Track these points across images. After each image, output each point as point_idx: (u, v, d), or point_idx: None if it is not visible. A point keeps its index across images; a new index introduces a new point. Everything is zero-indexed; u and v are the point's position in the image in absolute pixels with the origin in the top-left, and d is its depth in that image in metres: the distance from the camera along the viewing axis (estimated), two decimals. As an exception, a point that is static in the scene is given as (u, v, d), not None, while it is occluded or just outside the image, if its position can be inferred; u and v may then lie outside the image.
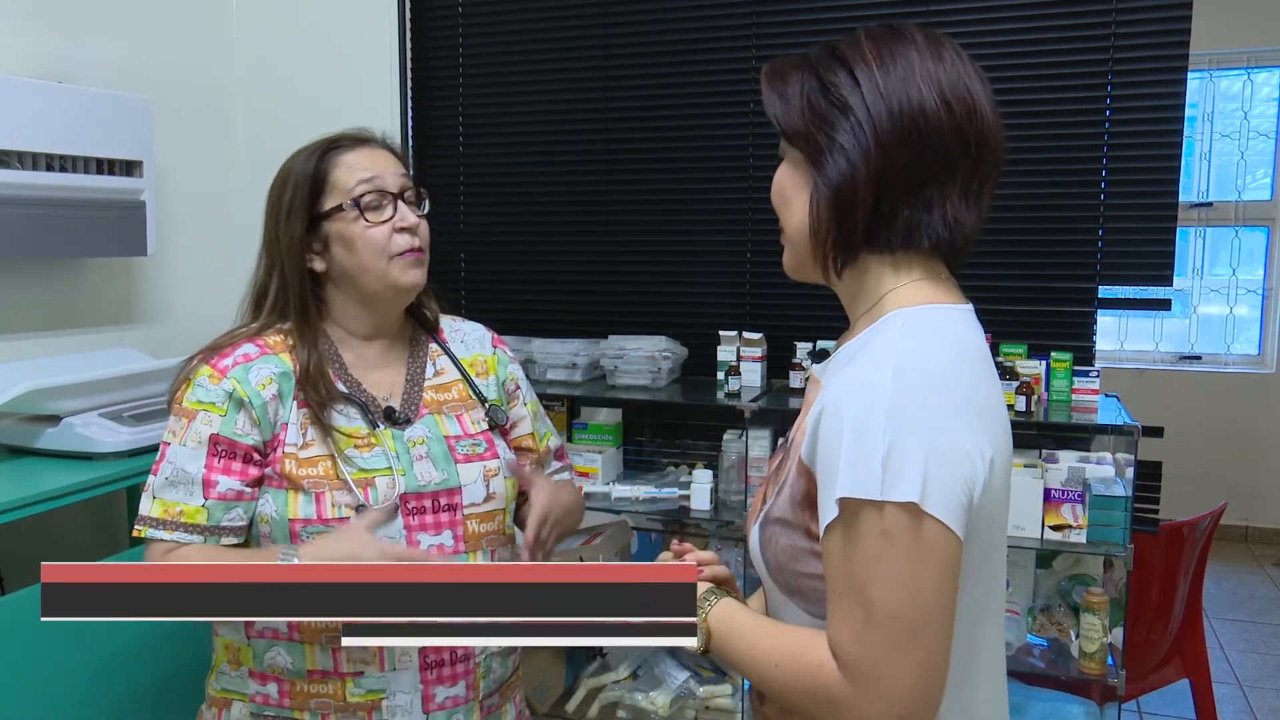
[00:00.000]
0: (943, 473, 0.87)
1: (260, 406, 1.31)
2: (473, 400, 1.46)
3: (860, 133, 0.94)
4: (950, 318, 0.97)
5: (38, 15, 2.23)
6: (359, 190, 1.34)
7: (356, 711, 1.32)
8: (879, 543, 0.87)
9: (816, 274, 1.02)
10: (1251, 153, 5.04)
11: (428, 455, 1.37)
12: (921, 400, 0.88)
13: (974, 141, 0.95)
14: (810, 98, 0.97)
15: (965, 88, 0.96)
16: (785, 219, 1.03)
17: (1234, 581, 4.57)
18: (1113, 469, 2.22)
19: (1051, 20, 2.39)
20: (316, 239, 1.36)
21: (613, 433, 2.70)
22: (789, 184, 1.01)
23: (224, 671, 1.37)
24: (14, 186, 2.00)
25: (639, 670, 2.55)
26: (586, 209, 2.82)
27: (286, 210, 1.36)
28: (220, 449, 1.29)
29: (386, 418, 1.37)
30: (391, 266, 1.35)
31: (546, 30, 2.81)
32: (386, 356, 1.43)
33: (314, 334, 1.37)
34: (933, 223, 0.96)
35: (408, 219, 1.36)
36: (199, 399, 1.31)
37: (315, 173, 1.36)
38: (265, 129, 2.84)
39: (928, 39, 0.98)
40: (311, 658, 1.31)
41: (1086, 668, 2.18)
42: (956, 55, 0.97)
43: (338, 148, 1.38)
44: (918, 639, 0.87)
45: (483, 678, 1.40)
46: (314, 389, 1.33)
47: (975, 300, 1.03)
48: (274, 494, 1.31)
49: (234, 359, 1.33)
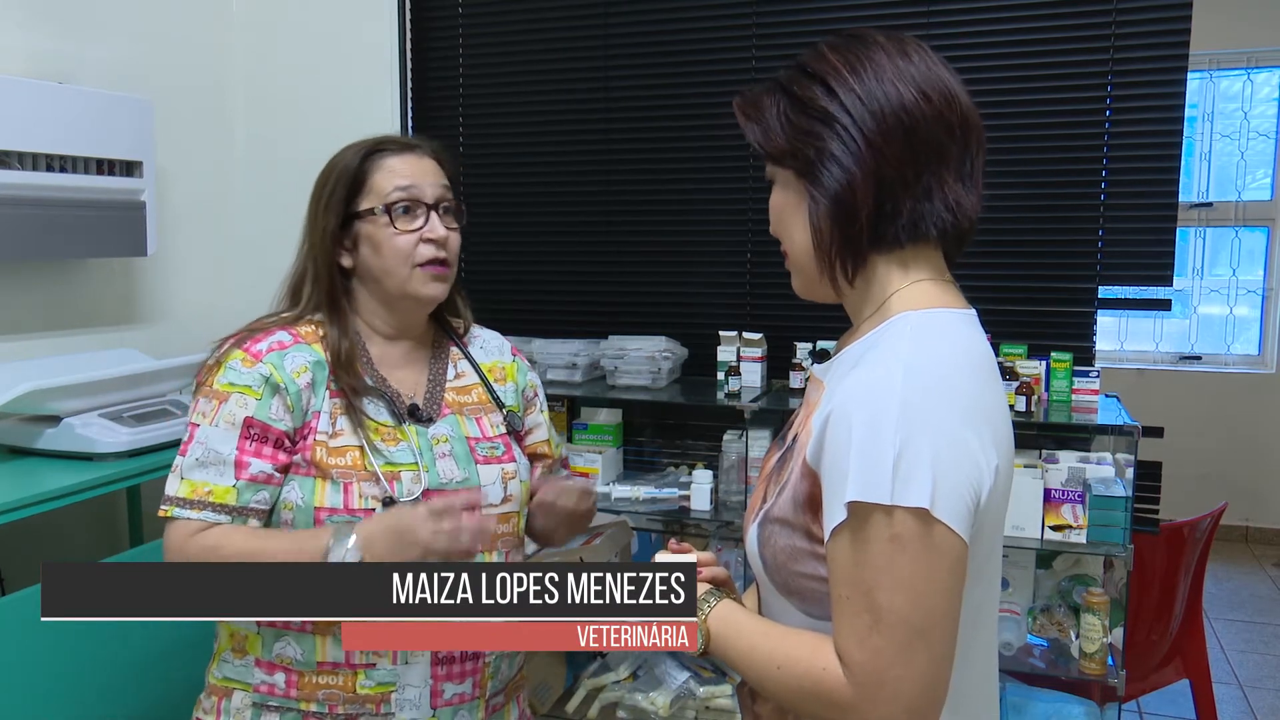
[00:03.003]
0: (951, 478, 0.87)
1: (295, 394, 1.32)
2: (491, 404, 1.48)
3: (849, 137, 0.95)
4: (956, 322, 0.97)
5: (38, 15, 2.22)
6: (394, 196, 1.36)
7: (365, 703, 1.32)
8: (888, 547, 0.87)
9: (827, 290, 1.03)
10: (1251, 153, 5.04)
11: (450, 454, 1.39)
12: (932, 405, 0.89)
13: (957, 125, 0.97)
14: (789, 116, 0.98)
15: (937, 77, 0.97)
16: (788, 241, 1.03)
17: (1234, 582, 4.57)
18: (1113, 469, 2.22)
19: (1051, 20, 2.39)
20: (348, 236, 1.38)
21: (613, 433, 2.70)
22: (785, 206, 1.02)
23: (226, 660, 1.37)
24: (14, 187, 2.00)
25: (639, 670, 2.55)
26: (586, 209, 2.82)
27: (325, 203, 1.38)
28: (253, 432, 1.30)
29: (411, 414, 1.39)
30: (413, 276, 1.37)
31: (546, 30, 2.81)
32: (410, 357, 1.45)
33: (343, 324, 1.39)
34: (936, 210, 0.96)
35: (436, 231, 1.38)
36: (232, 381, 1.31)
37: (357, 171, 1.38)
38: (265, 129, 2.84)
39: (890, 39, 0.99)
40: (323, 649, 1.32)
41: (1087, 668, 2.18)
42: (921, 50, 0.99)
43: (383, 150, 1.40)
44: (924, 643, 0.87)
45: (490, 677, 1.41)
46: (346, 373, 1.35)
47: (975, 300, 1.03)
48: (300, 481, 1.31)
49: (268, 345, 1.34)
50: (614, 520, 2.66)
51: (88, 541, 2.37)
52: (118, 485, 1.91)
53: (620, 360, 2.59)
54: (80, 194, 2.15)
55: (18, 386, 1.82)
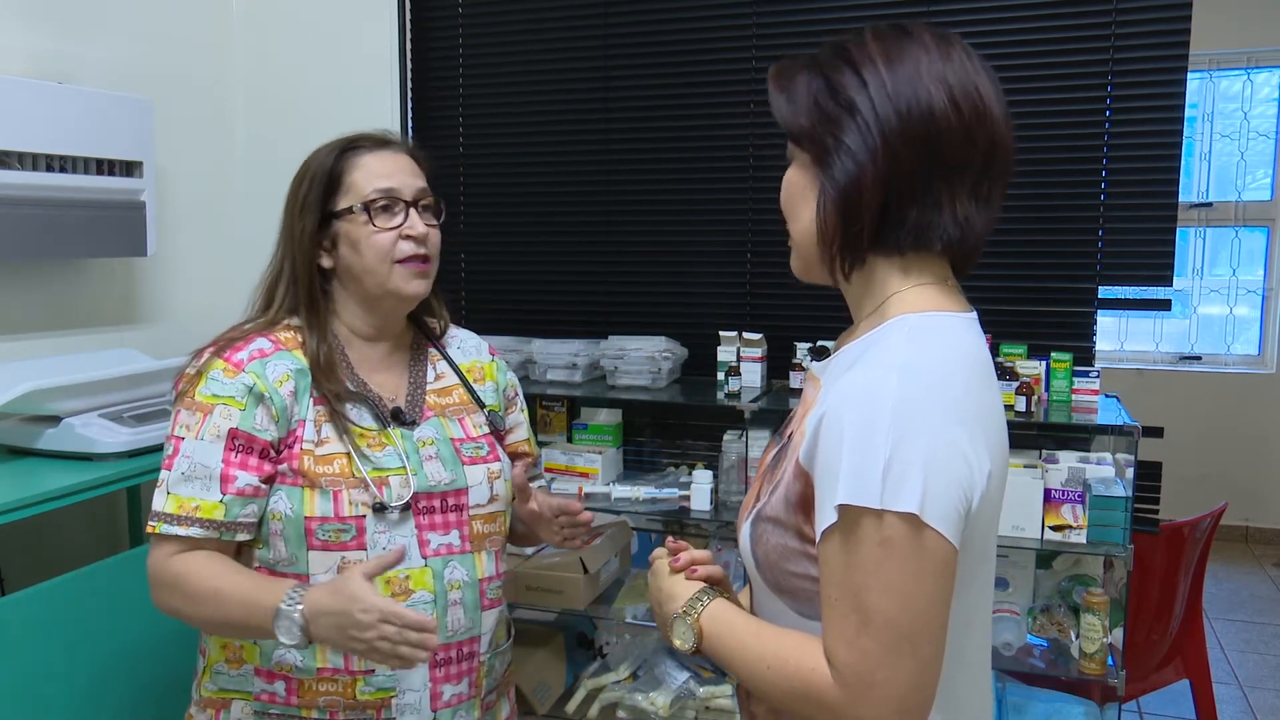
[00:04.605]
0: (943, 482, 0.87)
1: (280, 403, 1.30)
2: (472, 405, 1.48)
3: (867, 133, 0.93)
4: (954, 325, 0.96)
5: (38, 15, 2.22)
6: (372, 195, 1.35)
7: (365, 709, 1.32)
8: (878, 551, 0.86)
9: (825, 276, 1.02)
10: (1251, 153, 5.04)
11: (436, 456, 1.38)
12: (924, 409, 0.88)
13: (983, 143, 0.95)
14: (817, 98, 0.96)
15: (975, 88, 0.94)
16: (793, 221, 1.02)
17: (1234, 582, 4.57)
18: (1113, 469, 2.22)
19: (1051, 20, 2.39)
20: (326, 236, 1.37)
21: (613, 433, 2.69)
22: (797, 187, 1.00)
23: (220, 671, 1.36)
24: (14, 187, 2.00)
25: (639, 671, 2.55)
26: (586, 209, 2.82)
27: (301, 204, 1.37)
28: (238, 443, 1.28)
29: (395, 418, 1.38)
30: (393, 273, 1.35)
31: (546, 30, 2.80)
32: (390, 360, 1.44)
33: (322, 328, 1.37)
34: (943, 223, 0.95)
35: (416, 228, 1.36)
36: (215, 392, 1.30)
37: (333, 170, 1.36)
38: (265, 129, 2.84)
39: (936, 38, 0.96)
40: (322, 656, 1.31)
41: (1087, 668, 2.18)
42: (966, 55, 0.96)
43: (358, 148, 1.38)
44: (912, 646, 0.87)
45: (485, 675, 1.42)
46: (327, 379, 1.34)
47: (975, 300, 1.03)
48: (288, 491, 1.30)
49: (249, 353, 1.33)
50: (614, 520, 2.67)
51: (88, 541, 2.36)
52: (118, 485, 1.91)
53: (620, 360, 2.59)
54: (80, 194, 2.15)
55: (18, 386, 1.82)
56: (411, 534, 1.33)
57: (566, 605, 2.47)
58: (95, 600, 1.76)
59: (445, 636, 1.36)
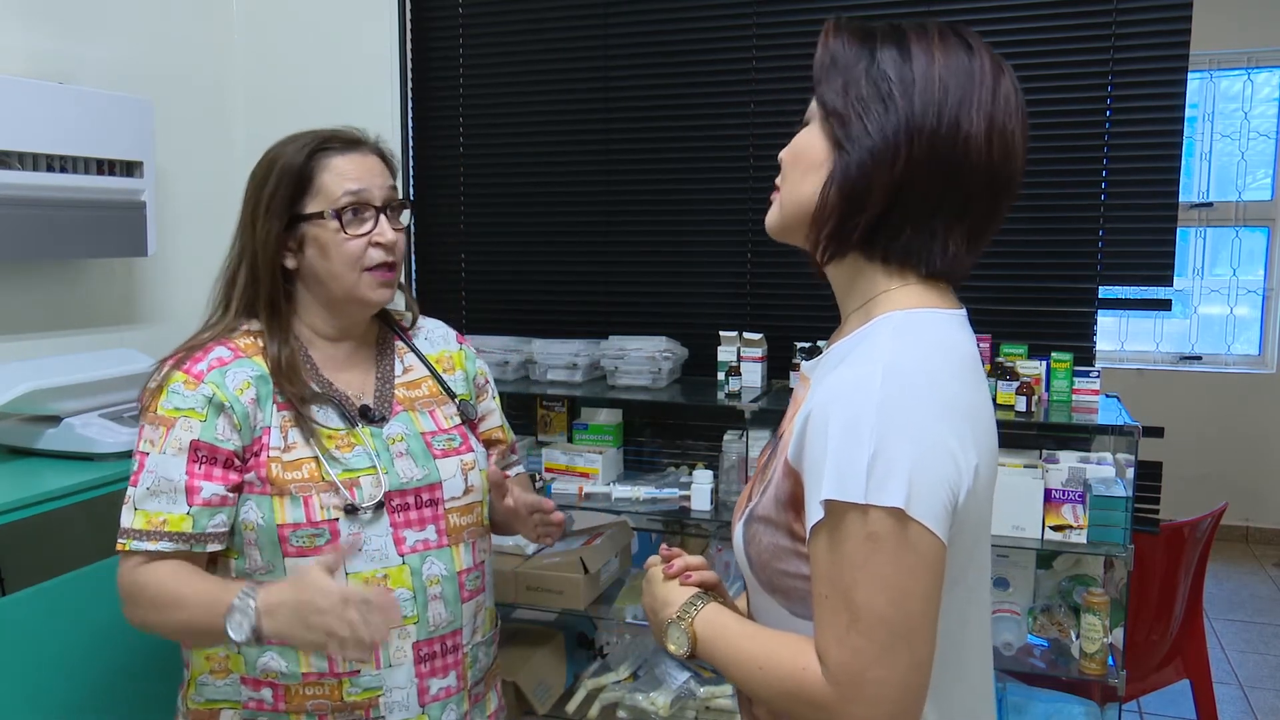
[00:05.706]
0: (928, 477, 0.86)
1: (241, 412, 1.29)
2: (443, 396, 1.46)
3: (898, 133, 0.91)
4: (942, 322, 0.96)
5: (38, 15, 2.22)
6: (343, 201, 1.33)
7: (354, 710, 1.32)
8: (864, 546, 0.86)
9: (800, 243, 1.01)
10: (1251, 153, 5.04)
11: (407, 452, 1.37)
12: (910, 404, 0.88)
13: (1001, 184, 0.94)
14: (861, 78, 0.94)
15: (1012, 131, 0.93)
16: (789, 183, 1.00)
17: (1234, 582, 4.58)
18: (1113, 469, 2.22)
19: (1051, 20, 2.39)
20: (293, 238, 1.34)
21: (613, 433, 2.69)
22: (808, 154, 0.98)
23: (205, 683, 1.35)
24: (14, 187, 2.00)
25: (639, 671, 2.55)
26: (586, 209, 2.82)
27: (266, 204, 1.34)
28: (201, 455, 1.27)
29: (363, 416, 1.37)
30: (361, 280, 1.34)
31: (546, 30, 2.80)
32: (355, 357, 1.43)
33: (284, 330, 1.35)
34: (932, 252, 0.95)
35: (386, 235, 1.35)
36: (176, 406, 1.28)
37: (302, 171, 1.33)
38: (265, 129, 2.80)
39: (993, 64, 0.95)
40: (306, 661, 1.31)
41: (1087, 668, 2.18)
42: (1013, 89, 0.95)
43: (328, 149, 1.35)
44: (902, 643, 0.86)
45: (470, 667, 1.42)
46: (290, 382, 1.32)
47: (975, 300, 1.03)
48: (258, 500, 1.29)
49: (208, 363, 1.31)
50: (614, 520, 2.67)
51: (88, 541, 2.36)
52: (118, 485, 1.90)
53: (620, 360, 2.59)
54: (80, 194, 2.15)
55: (18, 386, 1.82)
56: (387, 533, 1.32)
57: (566, 605, 2.47)
58: (95, 600, 1.76)
59: (427, 632, 1.35)
